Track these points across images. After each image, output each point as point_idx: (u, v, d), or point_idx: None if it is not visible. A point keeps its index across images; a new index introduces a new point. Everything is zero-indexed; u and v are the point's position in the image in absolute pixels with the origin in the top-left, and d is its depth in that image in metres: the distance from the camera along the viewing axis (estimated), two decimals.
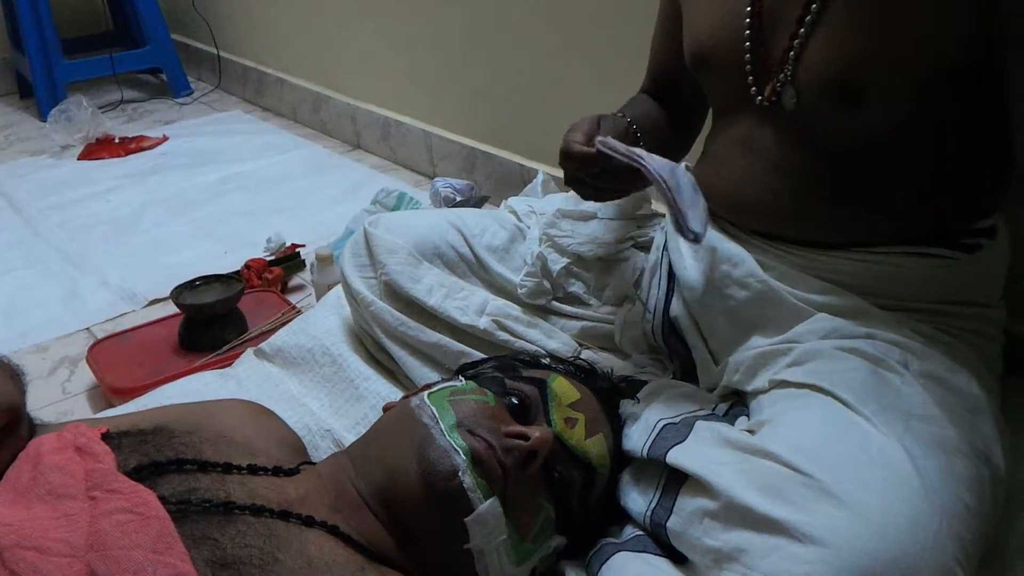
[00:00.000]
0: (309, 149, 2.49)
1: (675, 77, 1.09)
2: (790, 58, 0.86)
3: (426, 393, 0.85)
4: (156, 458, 0.71)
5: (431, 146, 2.16)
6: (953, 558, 0.68)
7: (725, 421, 0.88)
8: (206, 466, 0.73)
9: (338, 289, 1.23)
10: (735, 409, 0.92)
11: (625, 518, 0.87)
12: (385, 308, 1.09)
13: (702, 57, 0.98)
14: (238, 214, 2.06)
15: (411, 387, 1.06)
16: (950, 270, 0.89)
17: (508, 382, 0.87)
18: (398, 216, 1.24)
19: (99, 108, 2.60)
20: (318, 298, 1.43)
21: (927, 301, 0.90)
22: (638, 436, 0.88)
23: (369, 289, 1.11)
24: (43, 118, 2.71)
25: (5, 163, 2.46)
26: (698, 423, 0.85)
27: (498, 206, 1.34)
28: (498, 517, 0.75)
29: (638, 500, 0.85)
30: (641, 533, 0.84)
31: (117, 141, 2.52)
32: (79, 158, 2.45)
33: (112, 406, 1.24)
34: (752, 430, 0.83)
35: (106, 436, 0.72)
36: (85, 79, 2.95)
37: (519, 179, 1.87)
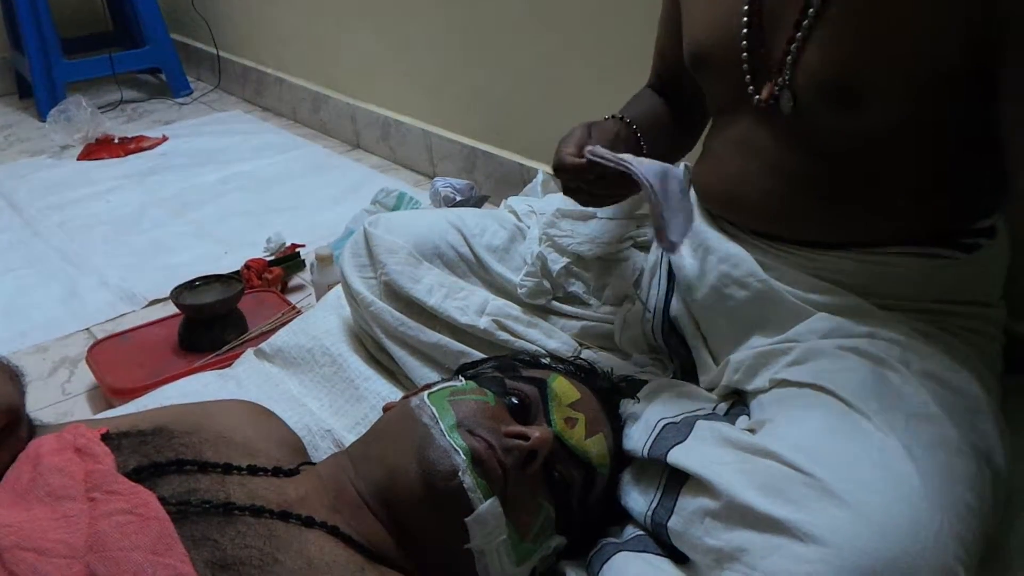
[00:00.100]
0: (309, 149, 2.49)
1: (677, 75, 1.09)
2: (788, 59, 0.86)
3: (426, 393, 0.85)
4: (156, 459, 0.71)
5: (431, 146, 2.16)
6: (954, 557, 0.68)
7: (726, 420, 0.88)
8: (206, 467, 0.73)
9: (338, 289, 1.23)
10: (736, 408, 0.92)
11: (626, 518, 0.87)
12: (385, 308, 1.09)
13: (700, 57, 0.97)
14: (238, 214, 2.06)
15: (411, 387, 1.05)
16: (950, 270, 0.89)
17: (508, 382, 0.87)
18: (398, 216, 1.24)
19: (98, 108, 2.60)
20: (318, 298, 1.43)
21: (927, 301, 0.90)
22: (639, 436, 0.88)
23: (369, 289, 1.11)
24: (42, 118, 2.71)
25: (5, 163, 2.46)
26: (699, 423, 0.85)
27: (498, 206, 1.34)
28: (498, 517, 0.75)
29: (639, 500, 0.85)
30: (642, 533, 0.84)
31: (117, 141, 2.52)
32: (79, 158, 2.45)
33: (112, 407, 1.24)
34: (753, 429, 0.83)
35: (106, 437, 0.72)
36: (84, 79, 2.95)
37: (519, 179, 1.87)
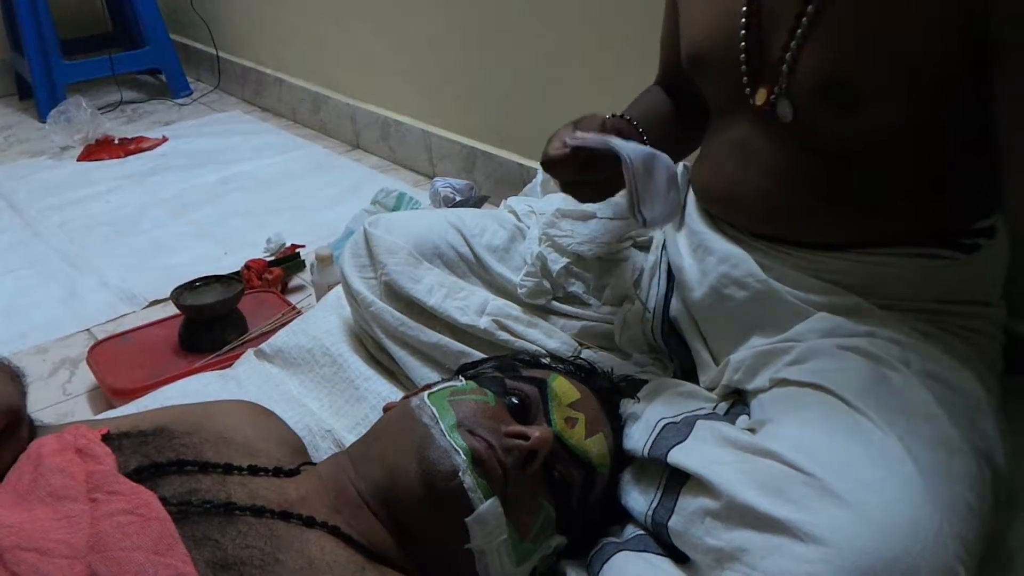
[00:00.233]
0: (308, 149, 2.49)
1: (680, 73, 1.09)
2: (786, 59, 0.86)
3: (426, 393, 0.85)
4: (157, 459, 0.71)
5: (430, 146, 2.16)
6: (954, 557, 0.68)
7: (726, 420, 0.88)
8: (207, 467, 0.73)
9: (338, 289, 1.23)
10: (736, 408, 0.92)
11: (626, 517, 0.87)
12: (385, 308, 1.09)
13: (698, 59, 0.97)
14: (238, 215, 2.06)
15: (411, 387, 1.05)
16: (949, 270, 0.89)
17: (508, 382, 0.87)
18: (398, 216, 1.24)
19: (98, 109, 2.60)
20: (318, 298, 1.43)
21: (927, 301, 0.90)
22: (639, 435, 0.88)
23: (369, 289, 1.11)
24: (42, 119, 2.71)
25: (5, 164, 2.46)
26: (699, 422, 0.85)
27: (498, 206, 1.34)
28: (498, 517, 0.75)
29: (639, 500, 0.85)
30: (642, 532, 0.84)
31: (116, 142, 2.52)
32: (78, 159, 2.45)
33: (112, 407, 1.24)
34: (753, 429, 0.83)
35: (106, 437, 0.72)
36: (84, 80, 2.95)
37: (518, 179, 1.87)
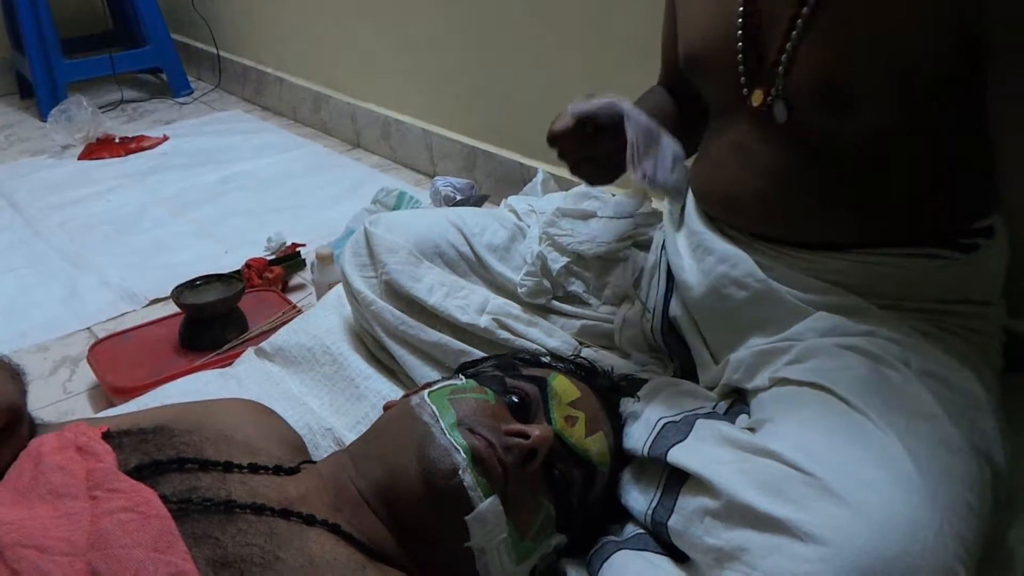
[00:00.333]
0: (309, 148, 2.49)
1: (681, 74, 1.09)
2: (782, 61, 0.86)
3: (426, 392, 0.85)
4: (157, 457, 0.71)
5: (431, 145, 2.16)
6: (954, 557, 0.68)
7: (726, 419, 0.88)
8: (207, 465, 0.73)
9: (339, 288, 1.23)
10: (736, 407, 0.92)
11: (626, 516, 0.87)
12: (386, 307, 1.09)
13: (695, 59, 0.97)
14: (238, 214, 2.06)
15: (412, 386, 1.05)
16: (948, 270, 0.89)
17: (508, 380, 0.87)
18: (398, 215, 1.24)
19: (99, 108, 2.61)
20: (318, 297, 1.43)
21: (926, 300, 0.90)
22: (639, 434, 0.88)
23: (370, 288, 1.11)
24: (43, 118, 2.71)
25: (5, 163, 2.46)
26: (699, 422, 0.85)
27: (498, 205, 1.34)
28: (498, 515, 0.75)
29: (639, 499, 0.85)
30: (642, 531, 0.84)
31: (117, 141, 2.52)
32: (79, 158, 2.45)
33: (113, 405, 1.24)
34: (753, 428, 0.83)
35: (107, 435, 0.72)
36: (85, 79, 2.95)
37: (519, 178, 1.87)
